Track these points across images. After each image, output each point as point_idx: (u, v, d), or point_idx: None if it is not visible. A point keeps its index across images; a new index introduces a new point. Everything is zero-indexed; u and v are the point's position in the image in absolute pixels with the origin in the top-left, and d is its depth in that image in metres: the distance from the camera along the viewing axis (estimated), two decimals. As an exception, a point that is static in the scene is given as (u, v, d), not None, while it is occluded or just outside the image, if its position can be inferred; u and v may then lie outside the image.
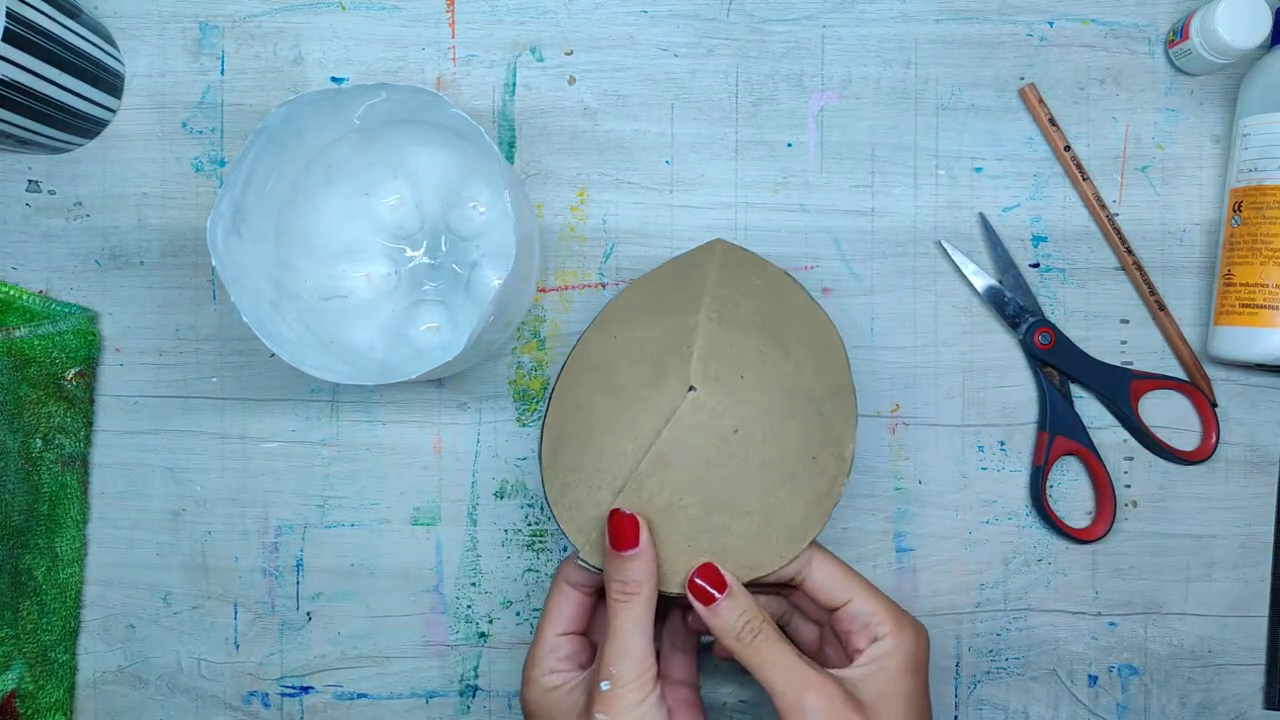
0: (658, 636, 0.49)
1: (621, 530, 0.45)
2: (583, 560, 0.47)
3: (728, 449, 0.47)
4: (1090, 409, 0.56)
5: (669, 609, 0.51)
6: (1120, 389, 0.55)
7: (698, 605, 0.45)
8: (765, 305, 0.50)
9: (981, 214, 0.56)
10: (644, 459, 0.46)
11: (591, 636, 0.50)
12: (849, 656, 0.47)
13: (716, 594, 0.45)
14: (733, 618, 0.45)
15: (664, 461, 0.46)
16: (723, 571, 0.46)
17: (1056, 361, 0.55)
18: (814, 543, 0.48)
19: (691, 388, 0.47)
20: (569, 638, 0.48)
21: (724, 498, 0.47)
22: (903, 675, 0.46)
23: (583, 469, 0.48)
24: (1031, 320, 0.55)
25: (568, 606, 0.48)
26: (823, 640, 0.50)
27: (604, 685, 0.43)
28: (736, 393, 0.47)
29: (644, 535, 0.45)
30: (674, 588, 0.47)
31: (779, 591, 0.51)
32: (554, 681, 0.47)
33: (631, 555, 0.45)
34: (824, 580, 0.48)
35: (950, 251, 0.56)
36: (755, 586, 0.47)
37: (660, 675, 0.48)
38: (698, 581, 0.45)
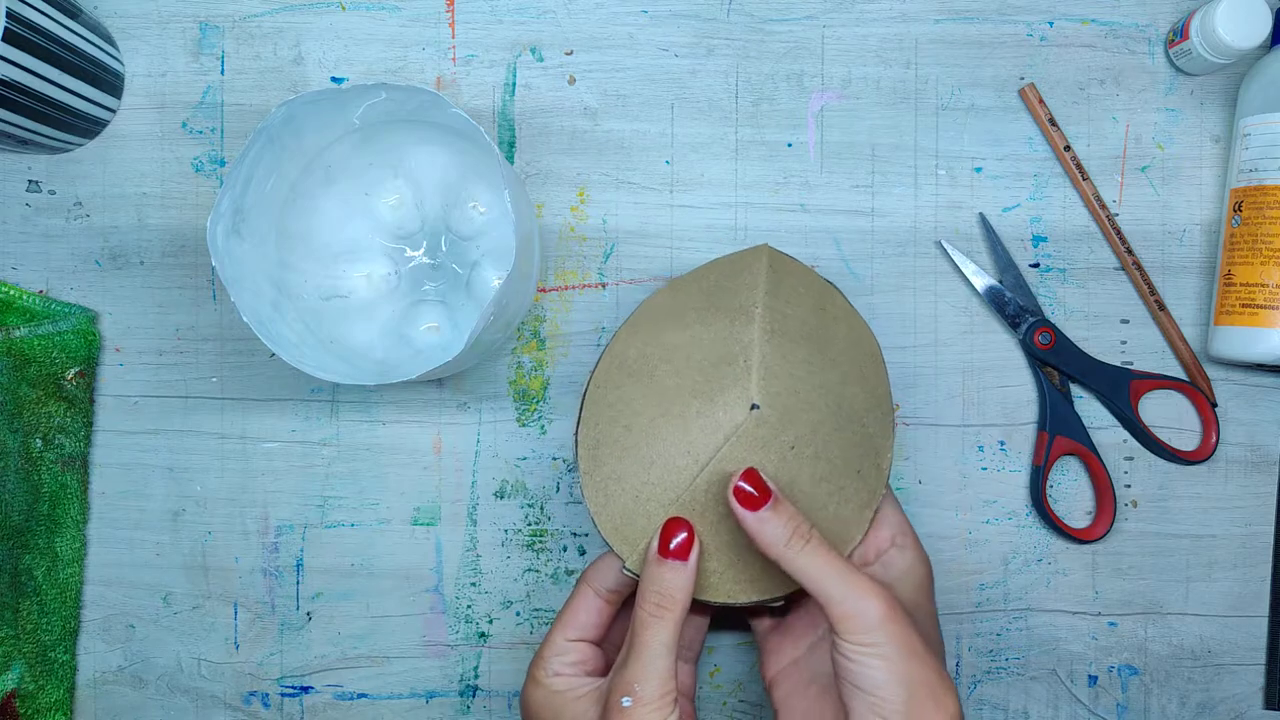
0: None
1: (676, 540, 0.45)
2: (630, 570, 0.47)
3: (784, 465, 0.46)
4: (1090, 409, 0.56)
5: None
6: (1120, 389, 0.55)
7: (742, 512, 0.44)
8: (810, 315, 0.50)
9: (981, 214, 0.56)
10: (700, 475, 0.46)
11: (605, 647, 0.49)
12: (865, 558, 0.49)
13: (762, 501, 0.44)
14: (780, 524, 0.44)
15: (723, 477, 0.46)
16: (766, 479, 0.45)
17: (1056, 361, 0.55)
18: None
19: (754, 405, 0.46)
20: (580, 644, 0.47)
21: None
22: (922, 592, 0.47)
23: (627, 479, 0.47)
24: (1031, 320, 0.55)
25: (585, 613, 0.48)
26: None
27: (625, 701, 0.43)
28: (793, 409, 0.47)
29: (694, 553, 0.45)
30: (720, 597, 0.47)
31: None
32: (560, 685, 0.46)
33: (677, 566, 0.44)
34: None
35: (950, 251, 0.56)
36: None
37: None
38: (742, 485, 0.44)
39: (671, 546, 0.44)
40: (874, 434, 0.49)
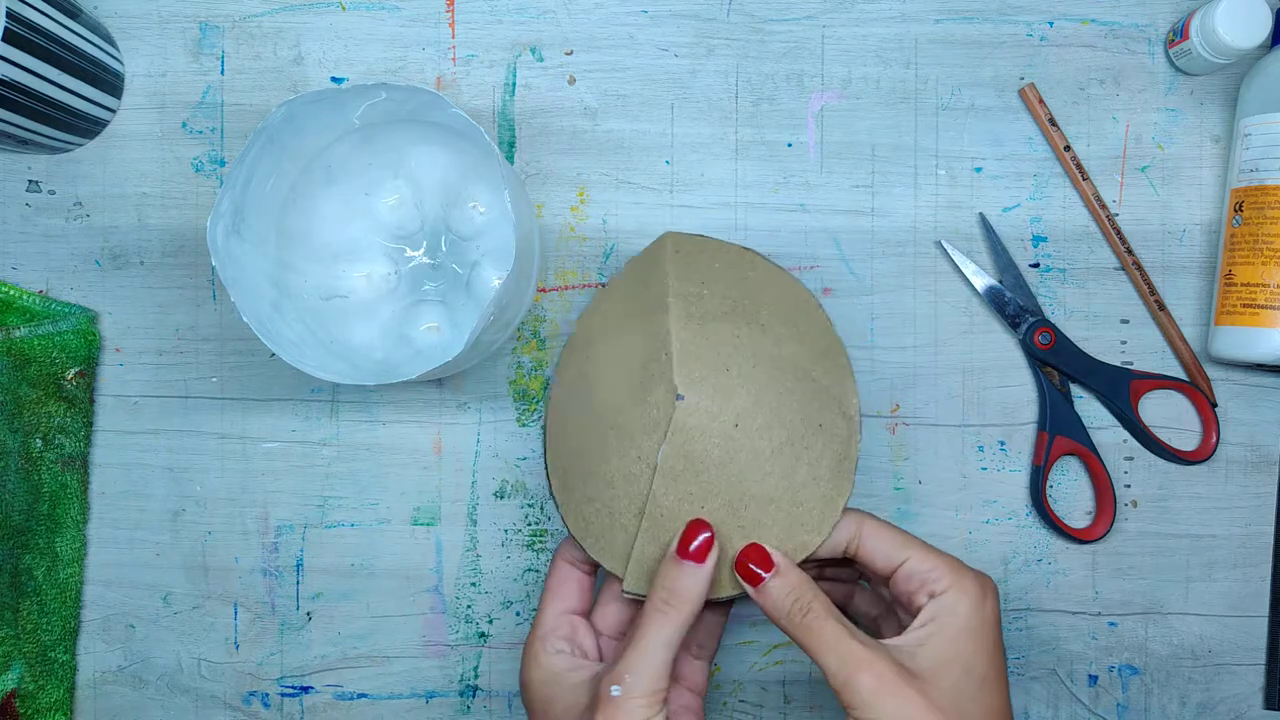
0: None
1: (696, 541, 0.44)
2: (629, 591, 0.46)
3: (734, 445, 0.46)
4: (1090, 409, 0.56)
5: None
6: (1120, 389, 0.55)
7: (746, 587, 0.45)
8: (729, 288, 0.49)
9: (981, 214, 0.56)
10: (654, 477, 0.46)
11: (593, 619, 0.49)
12: (911, 618, 0.46)
13: (763, 574, 0.44)
14: (781, 596, 0.44)
15: (673, 474, 0.46)
16: (770, 550, 0.45)
17: (1056, 361, 0.55)
18: (863, 512, 0.47)
19: (680, 396, 0.46)
20: (570, 616, 0.48)
21: (745, 493, 0.46)
22: (962, 637, 0.44)
23: (597, 499, 0.47)
24: (1031, 320, 0.55)
25: (567, 583, 0.48)
26: (887, 611, 0.50)
27: (614, 690, 0.42)
28: (726, 387, 0.46)
29: (712, 557, 0.44)
30: (714, 592, 0.46)
31: (836, 568, 0.51)
32: (560, 664, 0.46)
33: (692, 568, 0.44)
34: (876, 545, 0.47)
35: (950, 251, 0.56)
36: (808, 564, 0.47)
37: (673, 677, 0.47)
38: (745, 563, 0.45)
39: (691, 548, 0.44)
40: (828, 385, 0.48)
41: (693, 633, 0.50)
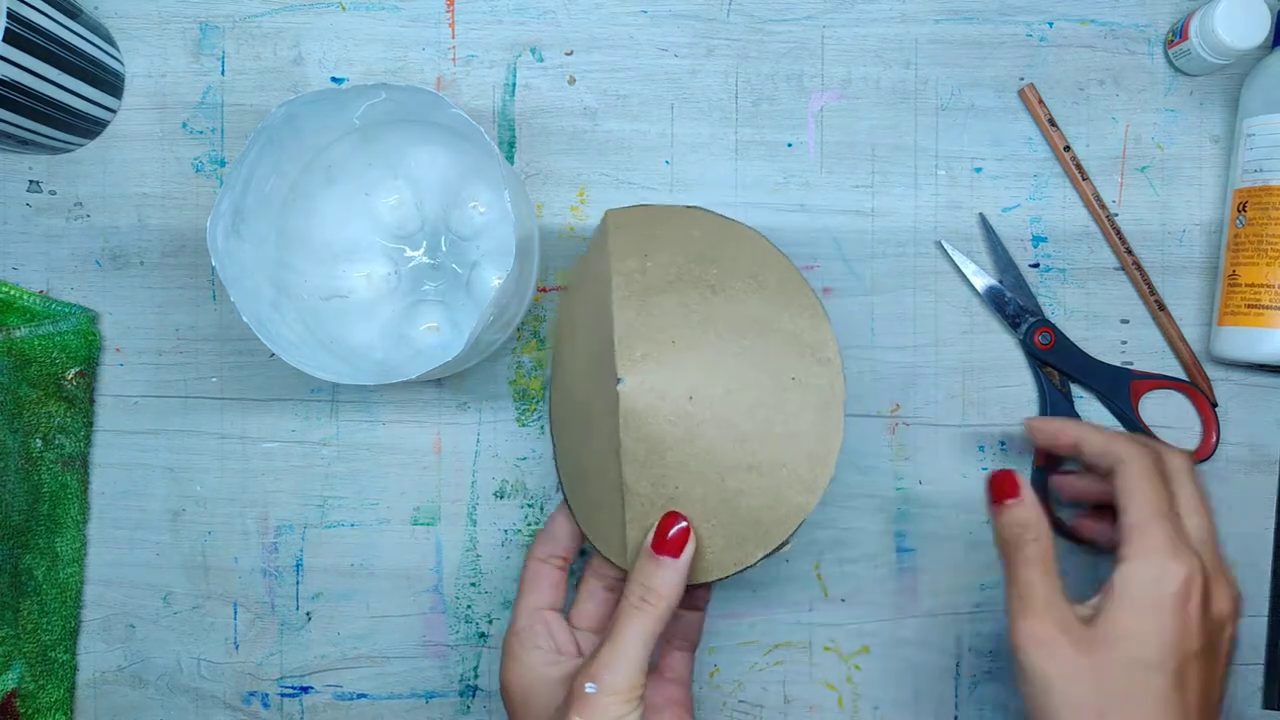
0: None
1: (669, 536, 0.44)
2: None
3: (693, 419, 0.44)
4: (1090, 409, 0.56)
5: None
6: (1120, 389, 0.55)
7: (988, 501, 0.46)
8: (674, 254, 0.47)
9: (981, 214, 0.56)
10: (624, 468, 0.45)
11: (570, 615, 0.49)
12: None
13: (1008, 499, 0.46)
14: (1010, 523, 0.45)
15: (639, 460, 0.44)
16: (1020, 480, 0.46)
17: (1056, 361, 0.55)
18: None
19: (619, 380, 0.44)
20: (545, 612, 0.48)
21: (720, 465, 0.44)
22: (1138, 612, 0.42)
23: (594, 499, 0.47)
24: (1031, 320, 0.55)
25: (543, 581, 0.48)
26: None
27: (589, 687, 0.42)
28: (672, 361, 0.44)
29: (688, 551, 0.44)
30: (700, 576, 0.45)
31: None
32: (536, 659, 0.46)
33: (669, 564, 0.44)
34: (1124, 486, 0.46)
35: (950, 251, 0.56)
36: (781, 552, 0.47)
37: (655, 670, 0.47)
38: (994, 483, 0.46)
39: (665, 542, 0.44)
40: (798, 331, 0.46)
41: (673, 626, 0.50)
